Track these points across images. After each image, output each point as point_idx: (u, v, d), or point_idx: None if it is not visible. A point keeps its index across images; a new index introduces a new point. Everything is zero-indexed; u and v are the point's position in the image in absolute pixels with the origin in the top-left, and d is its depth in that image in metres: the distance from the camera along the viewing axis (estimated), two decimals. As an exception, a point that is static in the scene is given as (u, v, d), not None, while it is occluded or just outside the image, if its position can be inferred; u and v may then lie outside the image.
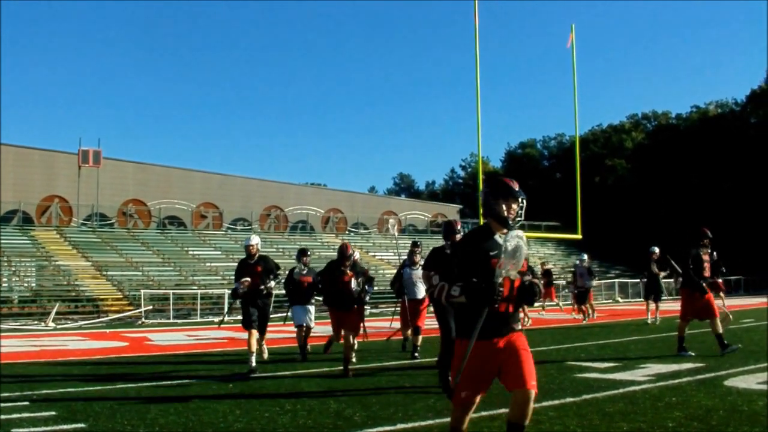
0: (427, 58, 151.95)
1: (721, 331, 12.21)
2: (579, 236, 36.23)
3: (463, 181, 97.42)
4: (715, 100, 76.32)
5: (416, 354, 12.30)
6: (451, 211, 66.16)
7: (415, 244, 13.59)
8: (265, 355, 11.99)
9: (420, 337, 12.73)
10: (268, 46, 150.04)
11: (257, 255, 11.20)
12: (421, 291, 12.88)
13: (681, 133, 70.58)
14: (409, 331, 13.12)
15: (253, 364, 10.53)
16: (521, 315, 21.76)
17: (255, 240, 11.32)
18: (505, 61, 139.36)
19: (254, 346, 10.80)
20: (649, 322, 19.90)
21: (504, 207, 4.90)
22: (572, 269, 27.34)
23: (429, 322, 12.91)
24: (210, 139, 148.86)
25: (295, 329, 13.35)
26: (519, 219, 4.94)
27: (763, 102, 66.40)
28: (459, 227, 9.15)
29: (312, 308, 13.53)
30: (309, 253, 14.20)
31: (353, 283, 10.95)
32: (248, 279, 10.90)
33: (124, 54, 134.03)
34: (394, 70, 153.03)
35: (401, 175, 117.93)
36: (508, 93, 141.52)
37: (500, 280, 4.63)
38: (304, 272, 13.48)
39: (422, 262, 13.39)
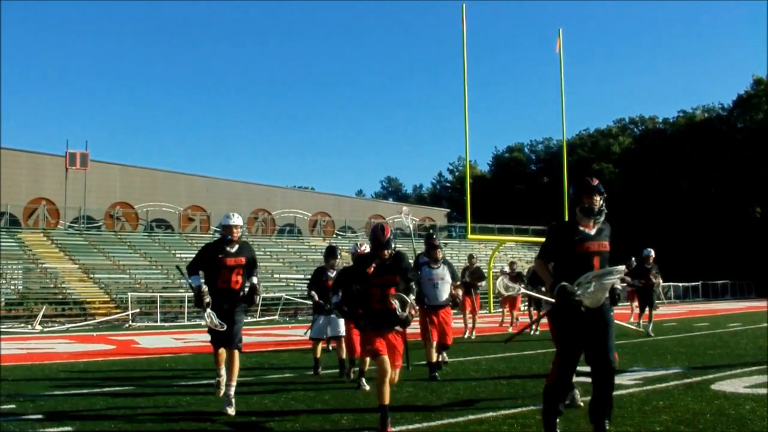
0: (414, 62, 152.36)
1: None
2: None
3: (450, 185, 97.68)
4: (702, 105, 76.94)
5: (436, 374, 10.17)
6: (438, 214, 66.27)
7: (430, 237, 11.46)
8: (229, 392, 7.69)
9: (445, 354, 10.76)
10: (255, 48, 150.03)
11: (238, 241, 8.09)
12: (444, 294, 10.78)
13: (668, 137, 70.95)
14: (433, 348, 10.52)
15: (221, 393, 7.85)
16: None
17: (238, 219, 8.14)
18: (493, 65, 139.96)
19: (223, 370, 7.93)
20: (651, 333, 17.26)
21: None
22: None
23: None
24: (197, 141, 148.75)
25: (313, 342, 11.07)
26: None
27: (750, 107, 66.83)
28: (596, 184, 5.97)
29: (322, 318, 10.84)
30: (339, 254, 11.03)
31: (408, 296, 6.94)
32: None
33: (111, 56, 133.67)
34: (382, 73, 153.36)
35: (389, 179, 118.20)
36: (495, 97, 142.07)
37: None
38: (332, 275, 10.71)
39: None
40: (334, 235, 52.74)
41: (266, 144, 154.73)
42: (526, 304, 21.69)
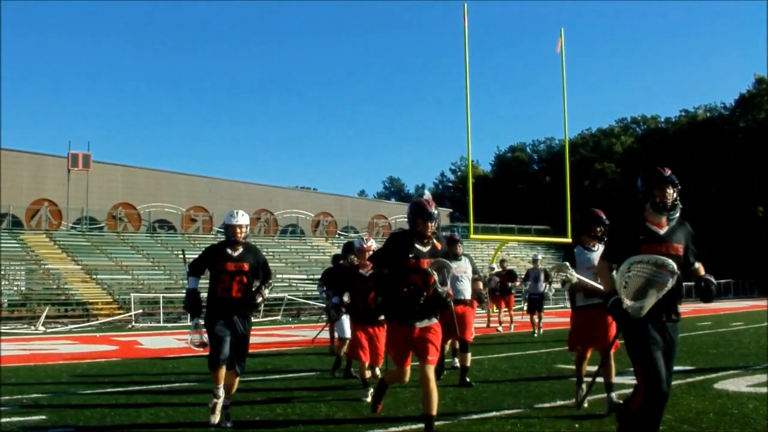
0: (416, 62, 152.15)
1: None
2: (569, 240, 36.24)
3: (452, 185, 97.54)
4: (703, 104, 76.87)
5: (468, 379, 9.42)
6: (441, 214, 66.07)
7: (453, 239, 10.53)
8: (226, 406, 7.09)
9: (469, 356, 9.72)
10: (256, 49, 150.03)
11: (244, 243, 7.30)
12: (467, 288, 9.99)
13: (670, 137, 70.87)
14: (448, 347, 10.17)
15: (215, 419, 6.99)
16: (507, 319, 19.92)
17: (243, 218, 7.30)
18: (495, 65, 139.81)
19: (221, 390, 7.03)
20: None
21: None
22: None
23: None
24: (199, 142, 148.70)
25: (339, 341, 11.07)
26: None
27: (752, 106, 66.73)
28: (668, 174, 5.32)
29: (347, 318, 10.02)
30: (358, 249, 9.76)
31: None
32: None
33: (113, 57, 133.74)
34: (384, 73, 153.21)
35: (391, 179, 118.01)
36: (497, 97, 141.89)
37: None
38: None
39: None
40: (337, 236, 52.75)
41: (268, 144, 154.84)
42: (526, 306, 20.54)
